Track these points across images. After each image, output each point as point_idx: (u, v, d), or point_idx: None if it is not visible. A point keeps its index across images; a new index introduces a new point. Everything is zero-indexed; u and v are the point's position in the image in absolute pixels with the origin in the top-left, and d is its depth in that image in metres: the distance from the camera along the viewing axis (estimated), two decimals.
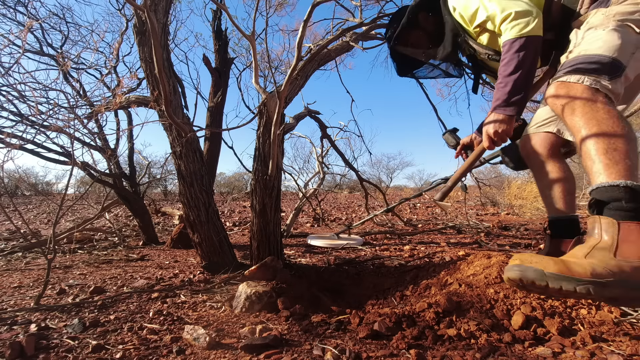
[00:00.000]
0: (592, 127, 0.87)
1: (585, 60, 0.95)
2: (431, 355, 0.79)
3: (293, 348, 0.85)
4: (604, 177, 0.82)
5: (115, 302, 1.25)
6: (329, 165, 3.68)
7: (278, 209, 1.71)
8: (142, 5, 1.20)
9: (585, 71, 0.94)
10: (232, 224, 4.08)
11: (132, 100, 2.26)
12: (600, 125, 0.86)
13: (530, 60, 1.11)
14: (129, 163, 2.87)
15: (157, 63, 1.17)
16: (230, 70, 3.04)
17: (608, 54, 0.93)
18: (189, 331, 0.92)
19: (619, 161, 0.82)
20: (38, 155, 2.06)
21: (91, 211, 5.37)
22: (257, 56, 1.46)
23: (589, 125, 0.87)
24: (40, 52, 2.60)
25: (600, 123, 0.86)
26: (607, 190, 0.81)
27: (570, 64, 0.99)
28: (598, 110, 0.88)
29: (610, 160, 0.83)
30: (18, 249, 2.32)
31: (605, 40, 0.95)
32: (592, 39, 0.99)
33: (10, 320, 1.08)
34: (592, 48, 0.96)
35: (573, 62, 0.98)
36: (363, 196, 3.68)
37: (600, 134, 0.85)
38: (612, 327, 0.90)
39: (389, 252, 2.15)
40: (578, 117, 0.90)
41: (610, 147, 0.83)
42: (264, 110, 1.69)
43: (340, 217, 4.60)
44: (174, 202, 8.23)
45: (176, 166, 1.73)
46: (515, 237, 2.55)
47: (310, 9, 1.28)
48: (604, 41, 0.96)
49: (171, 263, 1.99)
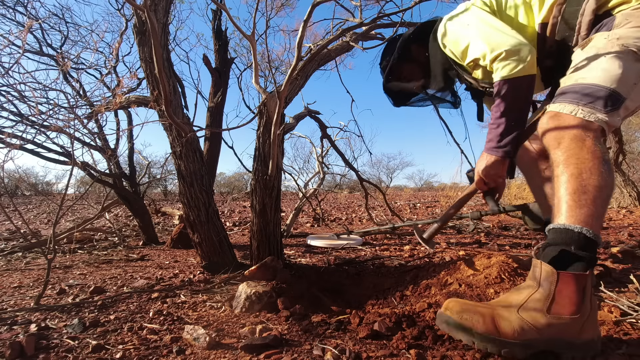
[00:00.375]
0: (569, 164, 0.83)
1: (582, 91, 0.89)
2: (431, 355, 0.79)
3: (293, 348, 0.85)
4: (563, 218, 0.79)
5: (115, 302, 1.25)
6: (329, 165, 3.68)
7: (278, 209, 1.71)
8: (142, 5, 1.20)
9: (580, 102, 0.88)
10: (232, 224, 4.08)
11: (132, 100, 2.26)
12: (579, 165, 0.81)
13: (523, 101, 1.08)
14: (129, 163, 2.86)
15: (157, 63, 1.17)
16: (231, 70, 3.04)
17: (607, 85, 0.87)
18: (189, 331, 0.92)
19: (583, 205, 0.78)
20: (38, 155, 2.06)
21: (91, 211, 5.37)
22: (257, 56, 1.46)
23: (568, 162, 0.83)
24: (40, 52, 2.60)
25: (579, 163, 0.82)
26: (562, 233, 0.78)
27: (565, 91, 0.94)
28: (582, 148, 0.83)
29: (576, 202, 0.79)
30: (18, 249, 2.32)
31: (605, 69, 0.89)
32: (591, 66, 0.92)
33: (10, 320, 1.08)
34: (590, 77, 0.90)
35: (569, 89, 0.92)
36: (363, 196, 3.68)
37: (575, 175, 0.81)
38: (612, 327, 0.90)
39: (389, 252, 2.15)
40: (561, 151, 0.86)
41: (579, 189, 0.79)
42: (264, 110, 1.69)
43: (340, 217, 4.60)
44: (174, 202, 8.23)
45: (176, 166, 1.73)
46: (515, 237, 2.55)
47: (310, 9, 1.28)
48: (603, 69, 0.89)
49: (171, 263, 1.99)
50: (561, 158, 0.85)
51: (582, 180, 0.79)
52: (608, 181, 0.80)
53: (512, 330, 0.73)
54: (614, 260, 1.65)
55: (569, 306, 0.73)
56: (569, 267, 0.75)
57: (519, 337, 0.73)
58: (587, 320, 0.73)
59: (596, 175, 0.79)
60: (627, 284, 1.25)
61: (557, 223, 0.80)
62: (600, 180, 0.79)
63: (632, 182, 4.38)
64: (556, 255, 0.77)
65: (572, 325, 0.73)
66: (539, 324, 0.73)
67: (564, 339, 0.73)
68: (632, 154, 7.36)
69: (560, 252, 0.77)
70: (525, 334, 0.73)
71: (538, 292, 0.76)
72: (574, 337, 0.73)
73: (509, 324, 0.74)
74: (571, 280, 0.73)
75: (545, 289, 0.75)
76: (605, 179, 0.80)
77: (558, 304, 0.74)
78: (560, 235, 0.78)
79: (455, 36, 1.18)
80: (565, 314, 0.73)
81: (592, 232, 0.75)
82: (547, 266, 0.76)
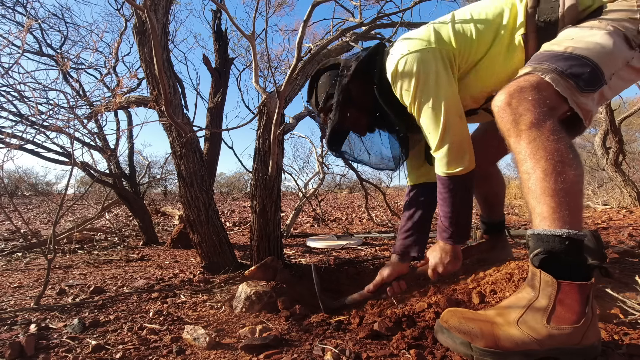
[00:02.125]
0: (539, 159, 0.74)
1: (567, 60, 0.79)
2: (431, 356, 0.79)
3: (293, 348, 0.85)
4: (547, 222, 0.72)
5: (115, 302, 1.25)
6: (329, 165, 3.68)
7: (278, 209, 1.71)
8: (142, 5, 1.20)
9: (563, 72, 0.78)
10: (232, 224, 4.08)
11: (131, 100, 2.26)
12: (549, 158, 0.73)
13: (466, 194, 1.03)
14: (129, 163, 2.87)
15: (157, 63, 1.17)
16: (230, 70, 3.04)
17: (595, 61, 0.79)
18: (189, 331, 0.92)
19: (563, 204, 0.71)
20: (38, 155, 2.06)
21: (91, 211, 5.37)
22: (257, 56, 1.46)
23: (536, 156, 0.74)
24: (40, 52, 2.60)
25: (548, 155, 0.73)
26: (548, 240, 0.72)
27: (547, 56, 0.83)
28: (548, 137, 0.74)
29: (556, 203, 0.71)
30: (18, 249, 2.32)
31: (599, 43, 0.80)
32: (584, 37, 0.83)
33: (10, 320, 1.08)
34: (581, 47, 0.81)
35: (552, 55, 0.82)
36: (363, 196, 3.68)
37: (548, 171, 0.73)
38: (612, 327, 0.90)
39: (389, 252, 2.15)
40: (525, 142, 0.76)
41: (556, 188, 0.72)
42: (263, 110, 1.69)
43: (340, 217, 4.59)
44: (174, 202, 8.23)
45: (176, 166, 1.73)
46: (516, 237, 2.55)
47: (310, 9, 1.28)
48: (597, 43, 0.81)
49: (171, 263, 1.99)
50: (527, 151, 0.76)
51: (556, 176, 0.72)
52: (579, 169, 0.74)
53: (512, 344, 0.71)
54: (613, 260, 1.65)
55: (570, 316, 0.70)
56: (568, 274, 0.71)
57: (518, 349, 0.70)
58: (589, 328, 0.70)
59: (568, 166, 0.73)
60: (627, 283, 1.25)
61: (541, 228, 0.73)
62: (574, 170, 0.73)
63: (632, 182, 4.38)
64: (550, 261, 0.72)
65: (573, 334, 0.70)
66: (539, 335, 0.70)
67: (565, 348, 0.70)
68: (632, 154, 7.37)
69: (553, 260, 0.72)
70: (526, 346, 0.70)
71: (537, 302, 0.72)
72: (576, 344, 0.70)
73: (509, 337, 0.71)
74: (573, 290, 0.70)
75: (545, 299, 0.71)
76: (577, 167, 0.74)
77: (559, 314, 0.70)
78: (546, 242, 0.72)
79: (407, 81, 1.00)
80: (566, 324, 0.70)
81: (578, 233, 0.71)
82: (547, 275, 0.71)
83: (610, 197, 4.59)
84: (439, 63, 0.97)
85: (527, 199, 0.77)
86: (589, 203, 4.85)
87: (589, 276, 0.71)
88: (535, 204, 0.75)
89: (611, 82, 0.83)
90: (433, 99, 0.97)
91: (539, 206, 0.74)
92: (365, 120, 1.19)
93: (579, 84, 0.78)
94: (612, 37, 0.81)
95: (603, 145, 4.45)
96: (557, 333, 0.70)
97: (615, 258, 1.67)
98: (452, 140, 0.97)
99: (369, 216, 3.73)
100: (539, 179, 0.74)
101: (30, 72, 1.69)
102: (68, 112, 1.73)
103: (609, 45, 0.80)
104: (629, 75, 0.88)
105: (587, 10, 0.91)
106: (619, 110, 4.79)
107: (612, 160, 4.34)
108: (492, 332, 0.73)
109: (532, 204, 0.76)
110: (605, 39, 0.81)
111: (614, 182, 4.49)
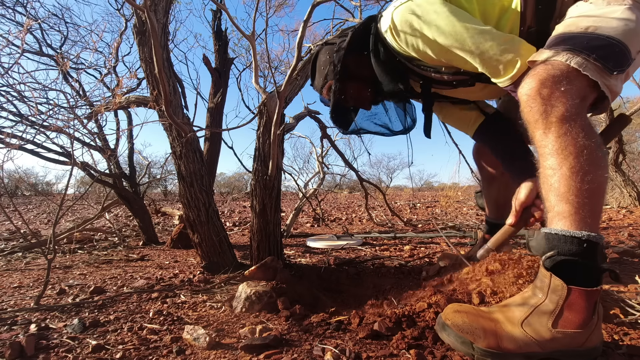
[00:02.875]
0: (567, 156, 0.70)
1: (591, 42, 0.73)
2: (431, 356, 0.79)
3: (293, 348, 0.85)
4: (567, 222, 0.69)
5: (115, 302, 1.25)
6: (329, 165, 3.68)
7: (278, 209, 1.71)
8: (142, 5, 1.20)
9: (590, 56, 0.71)
10: (232, 224, 4.08)
11: (132, 100, 2.26)
12: (578, 156, 0.69)
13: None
14: (129, 163, 2.87)
15: (157, 63, 1.17)
16: (230, 70, 3.04)
17: (622, 40, 0.72)
18: (189, 331, 0.92)
19: (585, 206, 0.68)
20: (38, 155, 2.06)
21: (91, 211, 5.37)
22: (257, 56, 1.46)
23: (564, 153, 0.70)
24: (40, 52, 2.60)
25: (578, 153, 0.69)
26: (566, 241, 0.69)
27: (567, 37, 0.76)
28: (578, 133, 0.69)
29: (579, 203, 0.68)
30: (18, 249, 2.32)
31: (621, 19, 0.74)
32: (604, 13, 0.76)
33: (10, 320, 1.08)
34: (604, 26, 0.74)
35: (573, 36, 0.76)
36: (363, 196, 3.68)
37: (575, 169, 0.68)
38: (612, 327, 0.90)
39: (389, 252, 2.15)
40: (552, 137, 0.71)
41: (581, 188, 0.68)
42: (263, 110, 1.69)
43: (340, 217, 4.59)
44: (174, 202, 8.23)
45: (176, 166, 1.73)
46: (516, 237, 2.55)
47: (310, 9, 1.28)
48: (619, 20, 0.74)
49: (171, 263, 1.99)
50: (555, 146, 0.71)
51: (584, 174, 0.68)
52: (606, 170, 0.71)
53: (514, 345, 0.70)
54: (613, 260, 1.65)
55: (576, 321, 0.68)
56: (579, 279, 0.69)
57: (520, 351, 0.70)
58: (594, 332, 0.70)
59: (596, 165, 0.69)
60: (627, 283, 1.25)
61: (559, 228, 0.70)
62: (601, 171, 0.69)
63: (632, 182, 4.38)
64: (562, 264, 0.70)
65: (577, 337, 0.69)
66: (542, 338, 0.69)
67: (566, 350, 0.70)
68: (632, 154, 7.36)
69: (566, 262, 0.70)
70: (528, 348, 0.70)
71: (544, 305, 0.70)
72: (578, 347, 0.70)
73: (512, 339, 0.70)
74: (582, 296, 0.68)
75: (552, 303, 0.70)
76: (605, 167, 0.70)
77: (565, 319, 0.69)
78: (563, 243, 0.70)
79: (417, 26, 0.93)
80: (571, 329, 0.69)
81: (597, 236, 0.68)
82: (557, 280, 0.69)
83: (610, 197, 4.59)
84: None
85: (547, 195, 0.73)
86: None
87: (599, 282, 0.70)
88: (556, 202, 0.71)
89: (638, 58, 0.78)
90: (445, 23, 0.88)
91: (560, 205, 0.70)
92: (368, 92, 1.16)
93: (608, 66, 0.72)
94: (633, 11, 0.76)
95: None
96: (561, 337, 0.69)
97: (615, 258, 1.67)
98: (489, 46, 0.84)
99: (369, 216, 3.73)
100: (565, 176, 0.69)
101: (30, 72, 1.69)
102: (68, 112, 1.73)
103: (632, 21, 0.74)
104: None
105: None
106: (619, 110, 4.79)
107: (612, 160, 4.33)
108: (494, 332, 0.72)
109: (552, 201, 0.72)
110: (627, 14, 0.75)
111: (614, 182, 4.48)
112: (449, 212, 4.85)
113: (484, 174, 1.43)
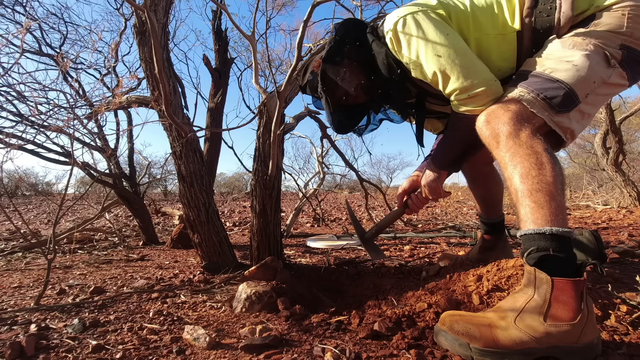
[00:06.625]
0: (516, 165, 0.81)
1: (544, 84, 0.87)
2: (431, 356, 0.79)
3: (293, 348, 0.85)
4: (530, 222, 0.78)
5: (115, 302, 1.25)
6: (329, 165, 3.68)
7: (278, 209, 1.71)
8: (142, 5, 1.20)
9: (539, 94, 0.87)
10: (232, 224, 4.08)
11: (132, 100, 2.26)
12: (524, 163, 0.80)
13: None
14: (129, 163, 2.86)
15: (157, 63, 1.17)
16: (231, 70, 3.04)
17: (569, 83, 0.86)
18: (189, 331, 0.92)
19: (543, 204, 0.76)
20: (38, 155, 2.06)
21: (91, 211, 5.37)
22: (257, 56, 1.46)
23: (514, 162, 0.82)
24: (40, 52, 2.60)
25: (524, 160, 0.80)
26: (535, 239, 0.76)
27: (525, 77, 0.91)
28: (520, 145, 0.82)
29: (535, 203, 0.77)
30: (18, 249, 2.32)
31: (576, 65, 0.86)
32: (563, 56, 0.89)
33: (10, 320, 1.08)
34: (560, 70, 0.88)
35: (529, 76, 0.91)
36: (363, 196, 3.68)
37: (524, 174, 0.80)
38: (612, 327, 0.90)
39: (389, 252, 2.15)
40: (503, 151, 0.85)
41: (534, 189, 0.78)
42: (264, 110, 1.69)
43: (340, 217, 4.59)
44: (174, 202, 8.23)
45: (176, 166, 1.73)
46: (515, 237, 2.55)
47: (311, 9, 1.28)
48: (574, 65, 0.87)
49: (171, 263, 1.99)
50: (506, 158, 0.84)
51: (533, 178, 0.78)
52: (557, 169, 0.79)
53: (511, 342, 0.72)
54: (613, 260, 1.65)
55: (566, 312, 0.72)
56: (561, 271, 0.74)
57: (517, 347, 0.72)
58: (586, 324, 0.72)
59: (545, 168, 0.79)
60: (627, 283, 1.25)
61: (526, 229, 0.78)
62: (549, 172, 0.78)
63: (632, 182, 4.38)
64: (542, 260, 0.76)
65: (571, 331, 0.71)
66: (537, 333, 0.72)
67: (564, 346, 0.71)
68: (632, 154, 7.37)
69: (544, 257, 0.75)
70: (524, 344, 0.71)
71: (534, 300, 0.74)
72: (574, 342, 0.71)
73: (507, 336, 0.73)
74: (567, 286, 0.72)
75: (540, 296, 0.74)
76: (553, 168, 0.79)
77: (555, 311, 0.72)
78: (535, 242, 0.77)
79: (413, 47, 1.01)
80: (563, 321, 0.72)
81: (560, 230, 0.74)
82: (541, 273, 0.74)
83: (611, 197, 4.59)
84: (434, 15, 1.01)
85: (514, 203, 0.83)
86: (589, 203, 4.85)
87: (580, 273, 0.75)
88: (519, 206, 0.81)
89: (589, 99, 0.89)
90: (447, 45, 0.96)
91: (522, 208, 0.80)
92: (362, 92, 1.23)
93: (553, 106, 0.86)
94: (590, 59, 0.87)
95: (603, 145, 4.45)
96: (555, 330, 0.72)
97: (615, 258, 1.67)
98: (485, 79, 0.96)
99: (369, 216, 3.72)
100: (518, 182, 0.80)
101: (30, 72, 1.69)
102: (68, 112, 1.73)
103: (585, 68, 0.86)
104: (607, 90, 0.92)
105: (582, 15, 0.93)
106: (619, 110, 4.79)
107: (612, 160, 4.34)
108: (490, 332, 0.74)
109: (517, 207, 0.82)
110: (582, 60, 0.87)
111: (614, 182, 4.49)
112: (449, 212, 4.85)
113: (466, 173, 1.47)
